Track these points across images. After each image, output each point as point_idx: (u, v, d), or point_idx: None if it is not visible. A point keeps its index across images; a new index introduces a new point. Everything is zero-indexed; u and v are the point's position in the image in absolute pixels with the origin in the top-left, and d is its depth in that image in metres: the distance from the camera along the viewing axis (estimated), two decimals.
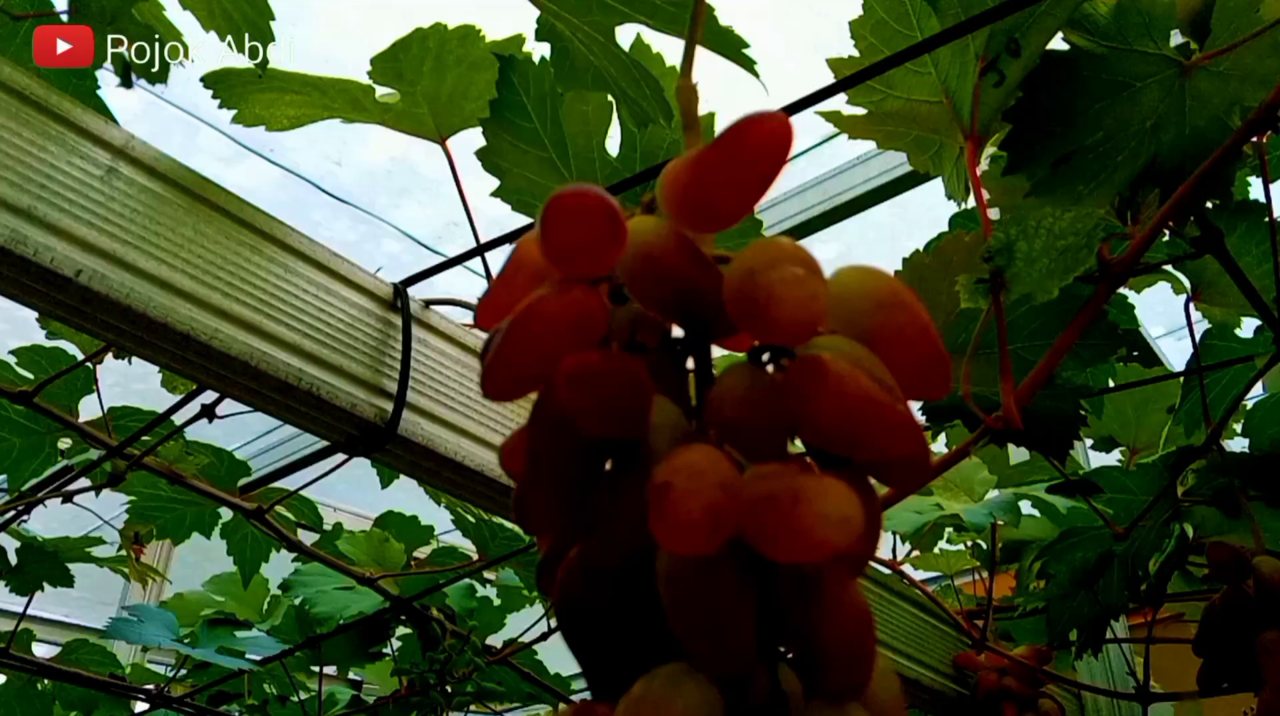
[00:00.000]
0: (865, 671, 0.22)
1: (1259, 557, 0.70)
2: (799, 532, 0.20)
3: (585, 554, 0.25)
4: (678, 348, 0.26)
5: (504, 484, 0.81)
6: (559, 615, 0.25)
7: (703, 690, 0.21)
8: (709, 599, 0.22)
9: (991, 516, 0.97)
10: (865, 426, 0.22)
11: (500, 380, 0.23)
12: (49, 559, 1.31)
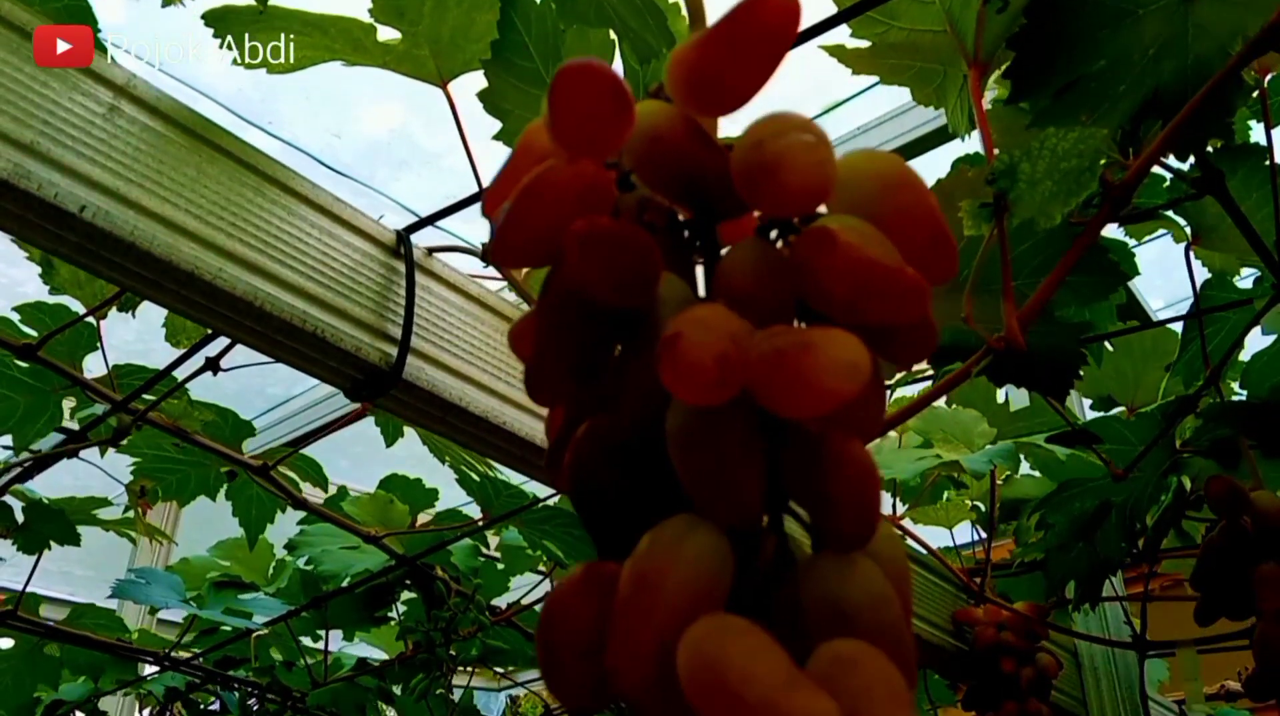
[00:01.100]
0: (870, 522, 0.22)
1: (1256, 492, 0.70)
2: (807, 382, 0.20)
3: (595, 428, 0.25)
4: (685, 233, 0.26)
5: (508, 431, 0.81)
6: (571, 491, 0.25)
7: (712, 537, 0.22)
8: (718, 451, 0.22)
9: (991, 463, 0.97)
10: (874, 290, 0.22)
11: (511, 243, 0.23)
12: (56, 517, 1.31)
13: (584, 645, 0.22)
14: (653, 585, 0.21)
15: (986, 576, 1.35)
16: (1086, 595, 1.16)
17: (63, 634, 1.70)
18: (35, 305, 1.09)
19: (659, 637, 0.20)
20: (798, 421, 0.23)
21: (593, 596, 0.23)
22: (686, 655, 0.19)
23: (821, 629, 0.21)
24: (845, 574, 0.22)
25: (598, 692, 0.22)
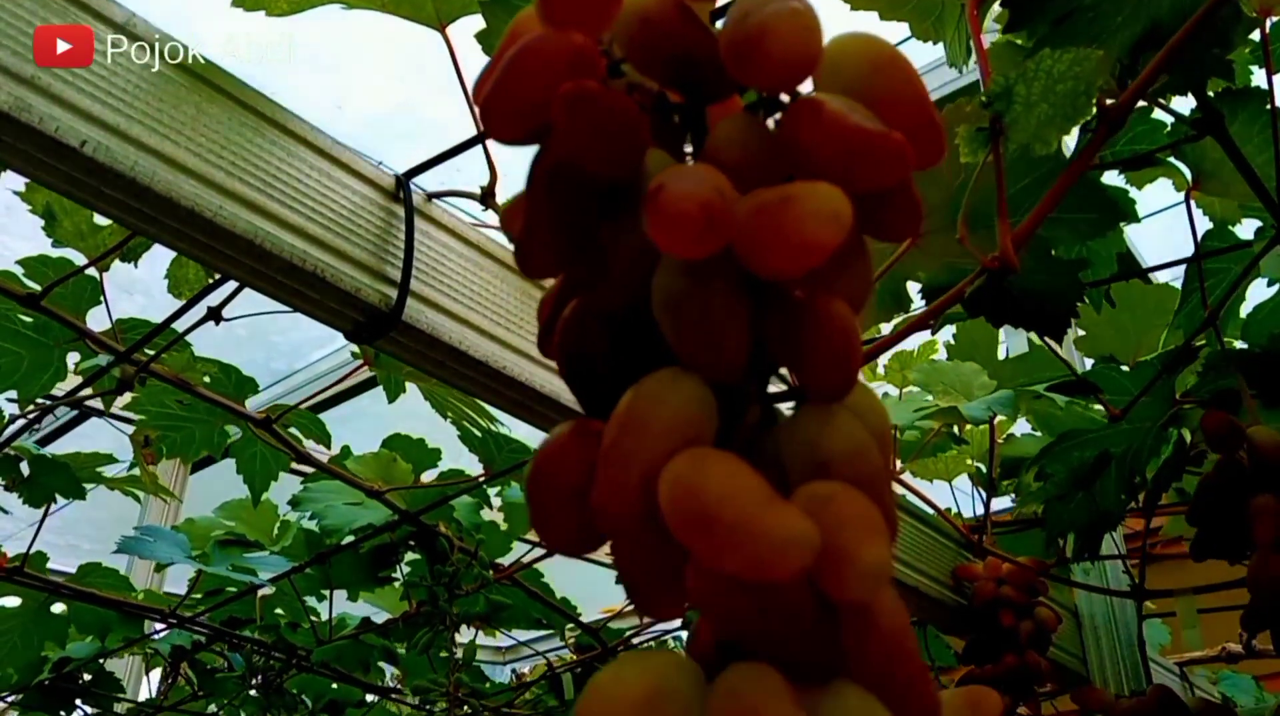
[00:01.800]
0: (850, 373, 0.23)
1: (1253, 428, 0.71)
2: (788, 233, 0.20)
3: (584, 301, 0.25)
4: (675, 116, 0.27)
5: (509, 376, 0.82)
6: (561, 362, 0.25)
7: (697, 386, 0.22)
8: (703, 306, 0.22)
9: (990, 410, 0.97)
10: (860, 153, 0.22)
11: (499, 111, 0.24)
12: (61, 470, 1.32)
13: (571, 490, 0.23)
14: (638, 427, 0.21)
15: (986, 532, 1.36)
16: (1085, 548, 1.16)
17: (69, 591, 1.71)
18: (39, 258, 1.09)
19: (643, 473, 0.21)
20: (782, 285, 0.23)
21: (580, 446, 0.23)
22: (667, 482, 0.20)
23: (802, 478, 0.22)
24: (825, 424, 0.23)
25: (584, 534, 0.23)
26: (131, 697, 2.37)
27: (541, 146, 0.25)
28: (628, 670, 0.20)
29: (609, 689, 0.19)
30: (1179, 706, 0.98)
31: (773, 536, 0.19)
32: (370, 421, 2.35)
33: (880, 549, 0.20)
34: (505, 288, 0.83)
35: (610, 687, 0.19)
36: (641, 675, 0.19)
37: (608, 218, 0.25)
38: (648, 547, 0.22)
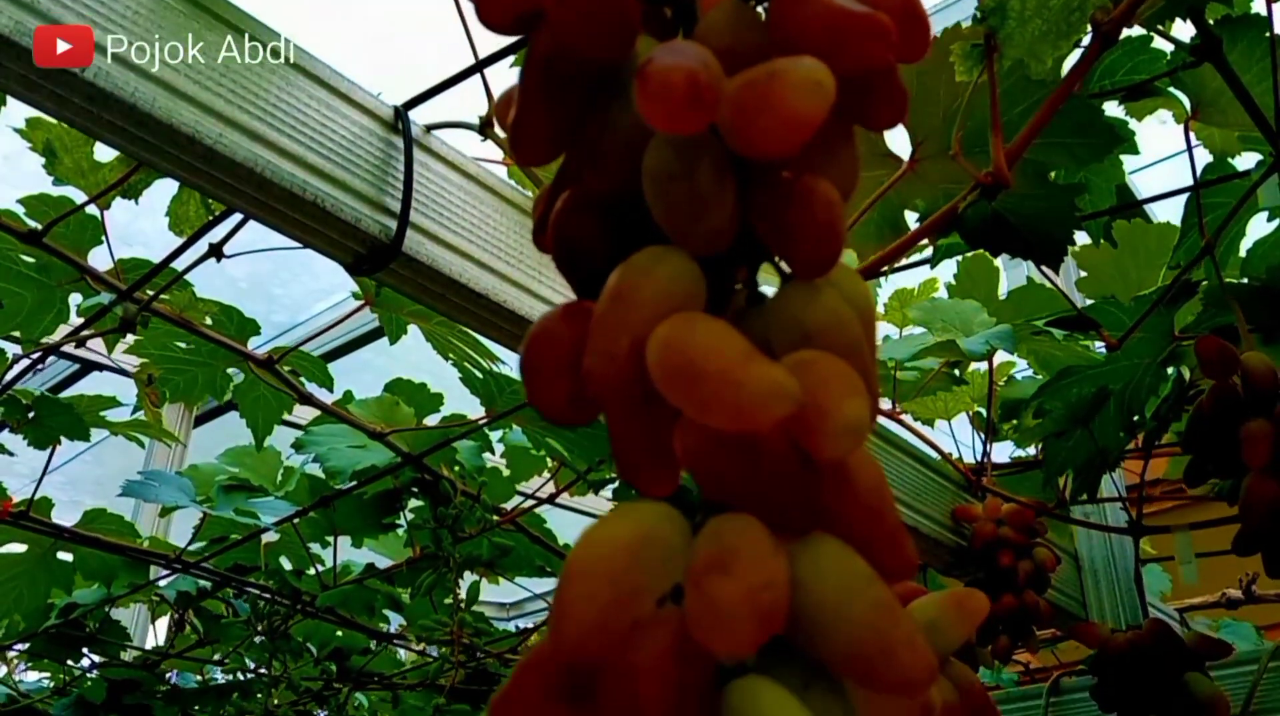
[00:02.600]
0: (833, 247, 0.23)
1: (1247, 354, 0.71)
2: (773, 105, 0.21)
3: (577, 191, 0.26)
4: (666, 10, 0.27)
5: (509, 309, 0.82)
6: (555, 249, 0.26)
7: (685, 260, 0.23)
8: (691, 181, 0.23)
9: (988, 344, 0.98)
10: (845, 32, 0.23)
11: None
12: (65, 411, 1.33)
13: (563, 360, 0.23)
14: (627, 297, 0.22)
15: (986, 473, 1.37)
16: (1084, 487, 1.17)
17: (75, 536, 1.72)
18: (39, 197, 1.10)
19: (632, 340, 0.21)
20: (770, 167, 0.24)
21: (573, 321, 0.24)
22: (654, 342, 0.20)
23: (786, 350, 0.22)
24: (809, 299, 0.23)
25: (577, 404, 0.23)
26: (138, 645, 2.39)
27: (533, 33, 0.25)
28: (617, 518, 0.20)
29: (600, 534, 0.20)
30: (1174, 640, 0.99)
31: (755, 387, 0.19)
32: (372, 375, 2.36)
33: (859, 406, 0.20)
34: (504, 221, 0.83)
35: (601, 534, 0.20)
36: (630, 523, 0.20)
37: (599, 105, 0.25)
38: (637, 414, 0.22)
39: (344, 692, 2.26)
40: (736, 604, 0.18)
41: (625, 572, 0.19)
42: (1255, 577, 1.91)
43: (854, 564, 0.20)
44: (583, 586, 0.19)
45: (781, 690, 0.19)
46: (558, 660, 0.20)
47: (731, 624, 0.18)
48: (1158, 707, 0.96)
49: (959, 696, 0.37)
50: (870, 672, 0.19)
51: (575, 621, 0.19)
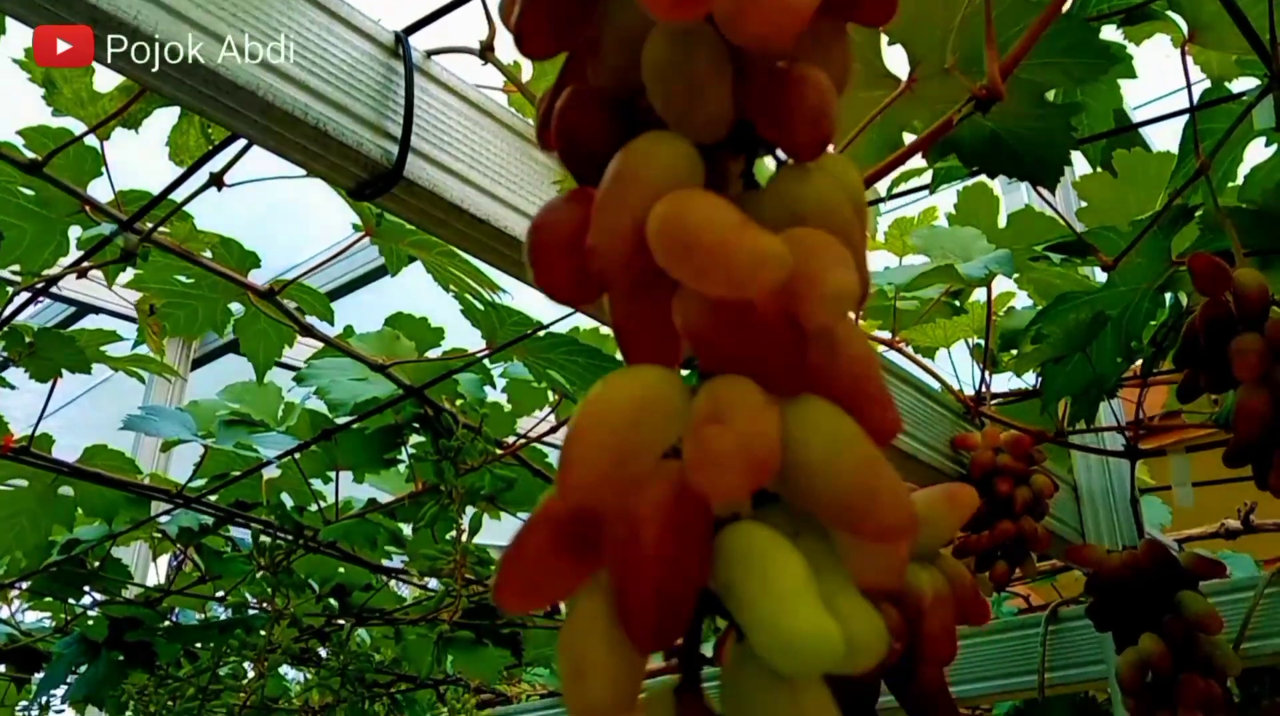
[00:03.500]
0: (825, 130, 0.24)
1: (1239, 271, 0.72)
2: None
3: (579, 86, 0.27)
4: None
5: (510, 235, 0.83)
6: (558, 143, 0.27)
7: (684, 145, 0.24)
8: (689, 70, 0.23)
9: (987, 269, 0.98)
10: None
11: None
12: (67, 343, 1.33)
13: (568, 241, 0.24)
14: (628, 178, 0.23)
15: (985, 401, 1.38)
16: (1082, 413, 1.18)
17: (76, 471, 1.73)
18: (39, 129, 1.10)
19: (633, 216, 0.22)
20: (764, 57, 0.24)
21: (576, 205, 0.24)
22: (654, 217, 0.21)
23: (780, 229, 0.23)
24: (802, 181, 0.24)
25: (580, 282, 0.24)
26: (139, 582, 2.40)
27: None
28: (621, 379, 0.21)
29: (605, 393, 0.21)
30: (1169, 560, 1.01)
31: (748, 254, 0.20)
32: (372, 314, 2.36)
33: (847, 276, 0.21)
34: (504, 147, 0.84)
35: (606, 392, 0.21)
36: (633, 382, 0.21)
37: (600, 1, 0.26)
38: (638, 291, 0.23)
39: (346, 628, 2.28)
40: (731, 452, 0.19)
41: (628, 427, 0.20)
42: (1253, 507, 1.92)
43: (841, 422, 0.21)
44: (589, 439, 0.20)
45: (772, 531, 0.20)
46: (565, 511, 0.21)
47: (727, 470, 0.19)
48: (1152, 625, 0.97)
49: (950, 587, 0.38)
50: (855, 521, 0.20)
51: (581, 472, 0.20)
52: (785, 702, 0.20)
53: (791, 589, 0.19)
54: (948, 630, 0.37)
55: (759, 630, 0.19)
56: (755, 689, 0.20)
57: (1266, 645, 1.26)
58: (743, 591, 0.20)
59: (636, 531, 0.20)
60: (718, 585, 0.21)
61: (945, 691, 0.38)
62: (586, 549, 0.21)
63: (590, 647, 0.20)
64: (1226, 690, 1.00)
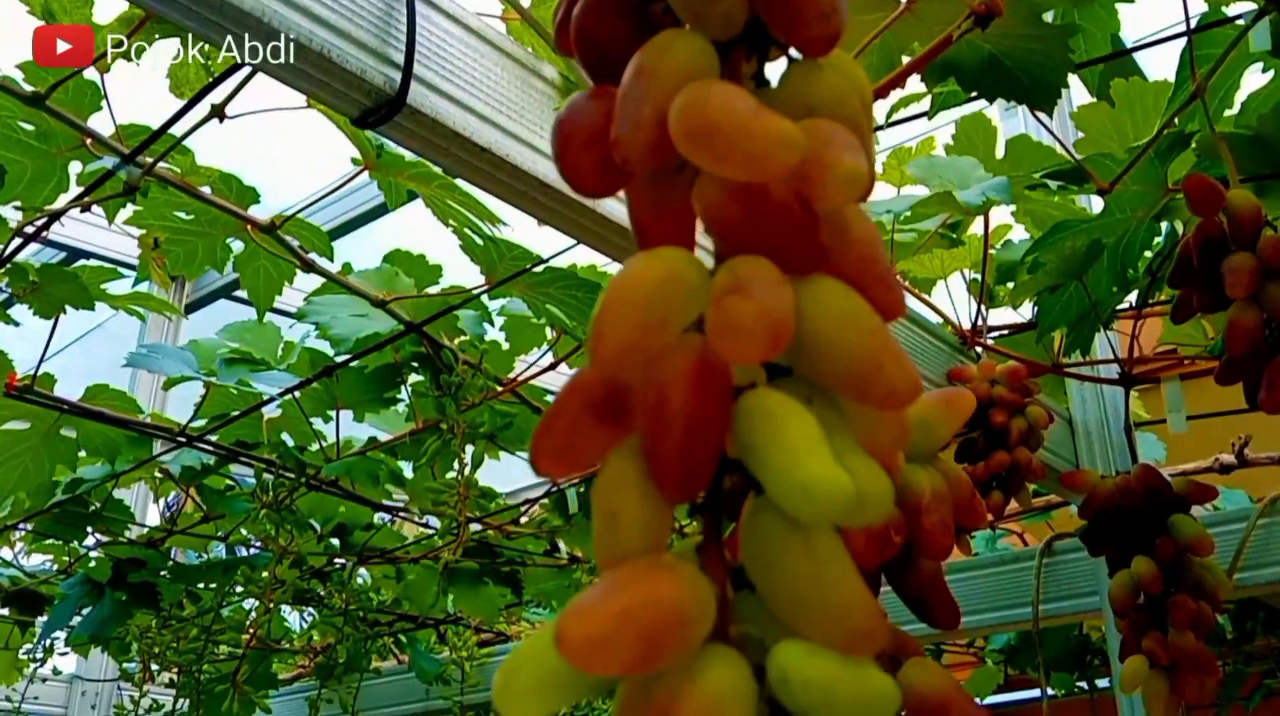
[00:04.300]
0: (835, 25, 0.25)
1: (1233, 192, 0.73)
2: None
3: None
4: None
5: (512, 164, 0.84)
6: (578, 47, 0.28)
7: (700, 41, 0.25)
8: None
9: (985, 196, 0.99)
10: None
11: None
12: (70, 279, 1.34)
13: (593, 133, 0.25)
14: (649, 71, 0.24)
15: (982, 333, 1.39)
16: (1078, 343, 1.19)
17: (79, 409, 1.74)
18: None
19: (655, 107, 0.23)
20: None
21: (600, 100, 0.26)
22: (675, 106, 0.22)
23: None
24: (812, 76, 0.25)
25: (604, 172, 0.25)
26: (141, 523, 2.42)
27: None
28: (646, 258, 0.22)
29: (632, 270, 0.22)
30: (1162, 484, 1.03)
31: (765, 138, 0.21)
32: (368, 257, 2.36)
33: (858, 160, 0.22)
34: (506, 75, 0.84)
35: (632, 269, 0.22)
36: (658, 261, 0.22)
37: None
38: (658, 181, 0.24)
39: (349, 567, 2.30)
40: (751, 319, 0.20)
41: (655, 300, 0.21)
42: (1247, 441, 1.94)
43: (851, 298, 0.23)
44: (617, 311, 0.21)
45: (787, 395, 0.22)
46: (596, 381, 0.22)
47: (747, 335, 0.20)
48: (1144, 548, 0.99)
49: (947, 486, 0.40)
50: (863, 387, 0.22)
51: (611, 343, 0.21)
52: (800, 547, 0.21)
53: (807, 442, 0.21)
54: (945, 525, 0.38)
55: (777, 479, 0.21)
56: (772, 536, 0.22)
57: (1259, 575, 1.28)
58: (762, 446, 0.21)
59: (664, 393, 0.21)
60: (737, 444, 0.22)
61: (942, 584, 0.40)
62: (616, 417, 0.22)
63: (623, 499, 0.21)
64: (1217, 613, 1.02)
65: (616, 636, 0.19)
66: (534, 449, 0.23)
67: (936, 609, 0.40)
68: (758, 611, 0.22)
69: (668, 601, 0.20)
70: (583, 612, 0.19)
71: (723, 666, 0.20)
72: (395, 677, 2.50)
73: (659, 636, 0.20)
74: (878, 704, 0.20)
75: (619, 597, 0.20)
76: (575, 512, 2.10)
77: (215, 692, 2.12)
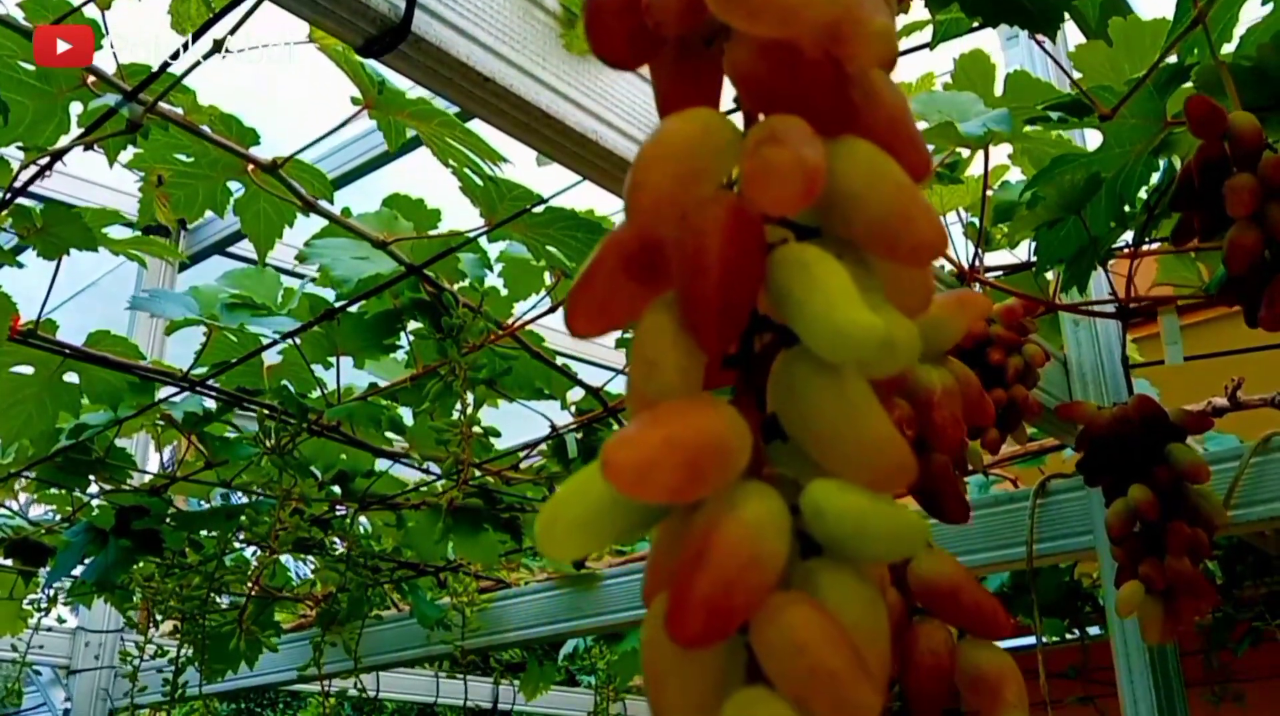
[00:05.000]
0: None
1: (1234, 114, 0.74)
2: None
3: None
4: None
5: (515, 94, 0.84)
6: None
7: None
8: None
9: (985, 128, 1.00)
10: None
11: None
12: (74, 220, 1.34)
13: (623, 3, 0.26)
14: None
15: (980, 272, 1.40)
16: (1075, 279, 1.20)
17: (82, 354, 1.75)
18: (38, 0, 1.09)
19: None
20: None
21: None
22: None
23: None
24: None
25: (634, 42, 0.26)
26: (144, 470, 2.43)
27: None
28: (679, 117, 0.23)
29: (668, 127, 0.23)
30: (1158, 413, 1.04)
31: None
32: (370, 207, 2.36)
33: (887, 19, 0.23)
34: (508, 5, 0.85)
35: (668, 126, 0.23)
36: (692, 119, 0.23)
37: None
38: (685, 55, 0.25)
39: (350, 513, 2.32)
40: (786, 164, 0.21)
41: (691, 153, 0.22)
42: (1240, 383, 1.95)
43: (880, 156, 0.23)
44: (655, 163, 0.22)
45: (819, 248, 0.22)
46: (631, 238, 0.23)
47: (782, 181, 0.21)
48: (1141, 477, 1.01)
49: (957, 384, 0.41)
50: (894, 240, 0.22)
51: (649, 192, 0.22)
52: (833, 389, 0.22)
53: (841, 288, 0.21)
54: (955, 420, 0.39)
55: (811, 323, 0.21)
56: (806, 381, 0.22)
57: (1252, 512, 1.30)
58: (798, 292, 0.22)
59: (700, 242, 0.22)
60: (772, 293, 0.23)
61: (953, 478, 0.41)
62: (651, 274, 0.23)
63: (660, 348, 0.22)
64: (1212, 541, 1.04)
65: (662, 461, 0.20)
66: (570, 307, 0.23)
67: (947, 501, 0.41)
68: (789, 459, 0.23)
69: (710, 430, 0.21)
70: (628, 440, 0.20)
71: (760, 498, 0.21)
72: (397, 623, 2.53)
73: (702, 462, 0.21)
74: (908, 535, 0.21)
75: (663, 427, 0.21)
76: (574, 458, 2.11)
77: (222, 632, 2.13)
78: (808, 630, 0.20)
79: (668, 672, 0.21)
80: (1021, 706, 0.36)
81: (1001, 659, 0.37)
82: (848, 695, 0.19)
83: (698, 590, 0.20)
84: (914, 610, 0.38)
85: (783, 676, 0.20)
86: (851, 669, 0.19)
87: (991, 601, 0.37)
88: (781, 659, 0.20)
